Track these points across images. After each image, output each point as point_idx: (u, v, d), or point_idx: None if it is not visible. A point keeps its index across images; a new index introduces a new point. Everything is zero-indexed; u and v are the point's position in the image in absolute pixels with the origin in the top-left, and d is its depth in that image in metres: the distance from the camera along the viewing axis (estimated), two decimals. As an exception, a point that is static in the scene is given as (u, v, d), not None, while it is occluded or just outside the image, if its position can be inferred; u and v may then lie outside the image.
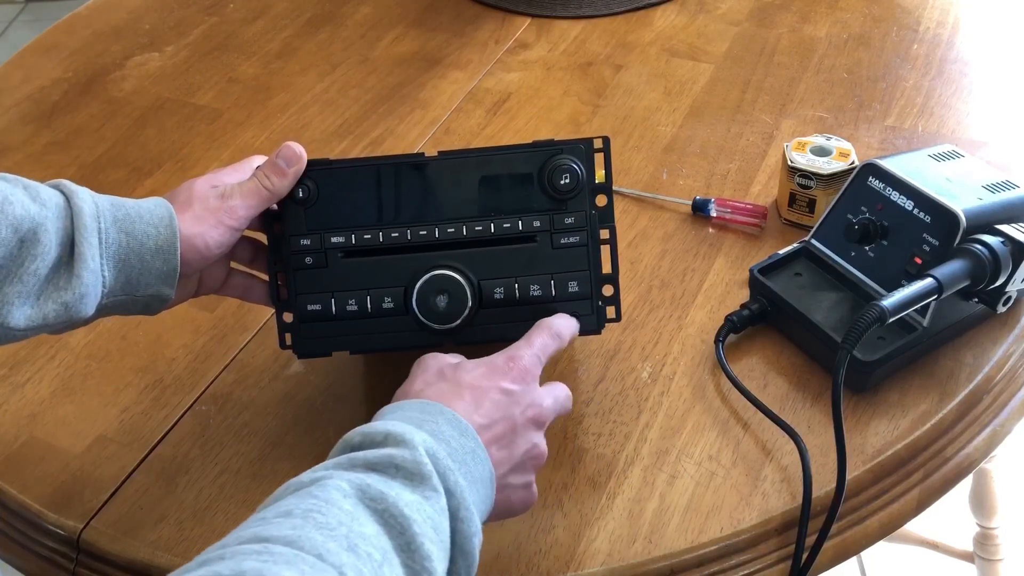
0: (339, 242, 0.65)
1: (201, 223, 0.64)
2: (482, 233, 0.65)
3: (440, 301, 0.64)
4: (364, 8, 1.27)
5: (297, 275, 0.67)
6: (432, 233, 0.65)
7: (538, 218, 0.65)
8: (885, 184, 0.75)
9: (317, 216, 0.66)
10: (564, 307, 0.66)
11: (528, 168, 0.65)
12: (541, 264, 0.65)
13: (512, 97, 1.08)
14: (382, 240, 0.65)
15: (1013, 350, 0.75)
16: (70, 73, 1.18)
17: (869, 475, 0.68)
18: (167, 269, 0.63)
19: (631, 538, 0.65)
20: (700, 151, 0.98)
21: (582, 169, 0.65)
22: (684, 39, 1.15)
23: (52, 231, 0.59)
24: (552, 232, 0.65)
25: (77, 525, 0.69)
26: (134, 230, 0.62)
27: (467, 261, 0.65)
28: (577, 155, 0.65)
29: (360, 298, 0.66)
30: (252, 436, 0.74)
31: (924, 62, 1.08)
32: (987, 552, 1.27)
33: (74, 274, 0.59)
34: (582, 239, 0.65)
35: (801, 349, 0.76)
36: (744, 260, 0.84)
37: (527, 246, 0.65)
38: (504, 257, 0.65)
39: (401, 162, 0.66)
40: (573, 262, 0.66)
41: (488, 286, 0.65)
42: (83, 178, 1.01)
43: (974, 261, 0.68)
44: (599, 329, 0.68)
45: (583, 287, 0.66)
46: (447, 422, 0.55)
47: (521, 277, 0.65)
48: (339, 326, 0.67)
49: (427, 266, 0.65)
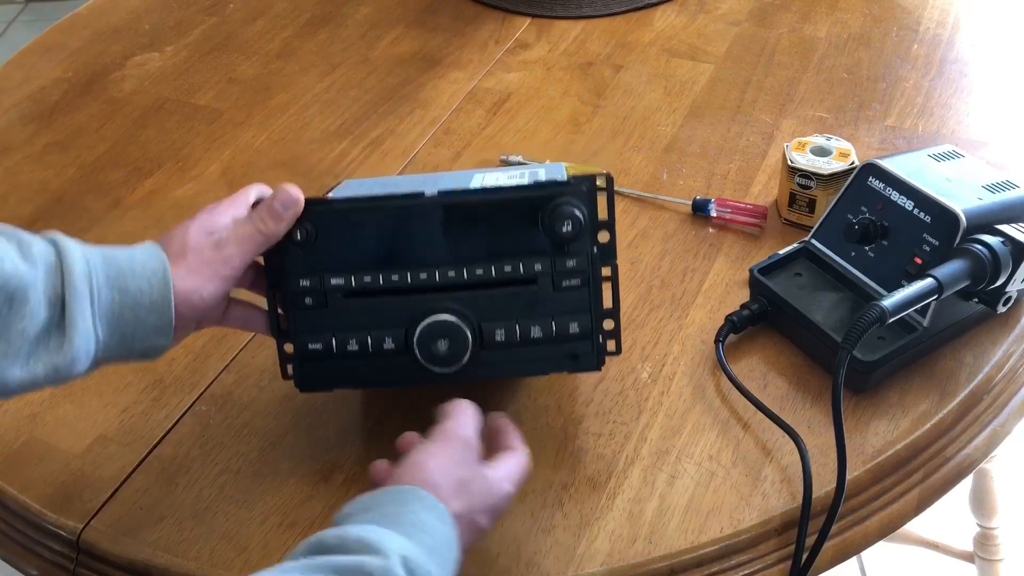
0: (338, 283, 0.64)
1: (196, 276, 0.62)
2: (482, 277, 0.63)
3: (441, 345, 0.63)
4: (364, 8, 1.27)
5: (297, 314, 0.65)
6: (432, 276, 0.63)
7: (539, 261, 0.63)
8: (885, 184, 0.75)
9: (316, 257, 0.64)
10: (564, 347, 0.65)
11: (529, 210, 0.63)
12: (542, 306, 0.64)
13: (512, 97, 1.08)
14: (382, 283, 0.64)
15: (1013, 350, 0.75)
16: (70, 73, 1.18)
17: (869, 475, 0.68)
18: (162, 323, 0.61)
19: (631, 538, 0.65)
20: (700, 151, 0.98)
21: (584, 213, 0.63)
22: (684, 39, 1.15)
23: (41, 291, 0.57)
24: (553, 274, 0.64)
25: (77, 525, 0.69)
26: (127, 287, 0.60)
27: (467, 302, 0.64)
28: (579, 196, 0.63)
29: (361, 338, 0.65)
30: (252, 436, 0.74)
31: (924, 62, 1.08)
32: (987, 552, 1.27)
33: (65, 338, 0.58)
34: (583, 281, 0.64)
35: (801, 349, 0.76)
36: (744, 260, 0.84)
37: (528, 288, 0.64)
38: (505, 299, 0.64)
39: (400, 204, 0.64)
40: (574, 304, 0.64)
41: (489, 327, 0.64)
42: (83, 178, 1.01)
43: (974, 261, 0.68)
44: (599, 367, 0.67)
45: (584, 328, 0.65)
46: (425, 509, 0.54)
47: (522, 319, 0.64)
48: (340, 364, 0.66)
49: (427, 309, 0.63)
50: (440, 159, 1.00)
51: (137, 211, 0.97)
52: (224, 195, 1.00)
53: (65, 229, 0.94)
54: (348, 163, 1.01)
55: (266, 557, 0.66)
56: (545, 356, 0.65)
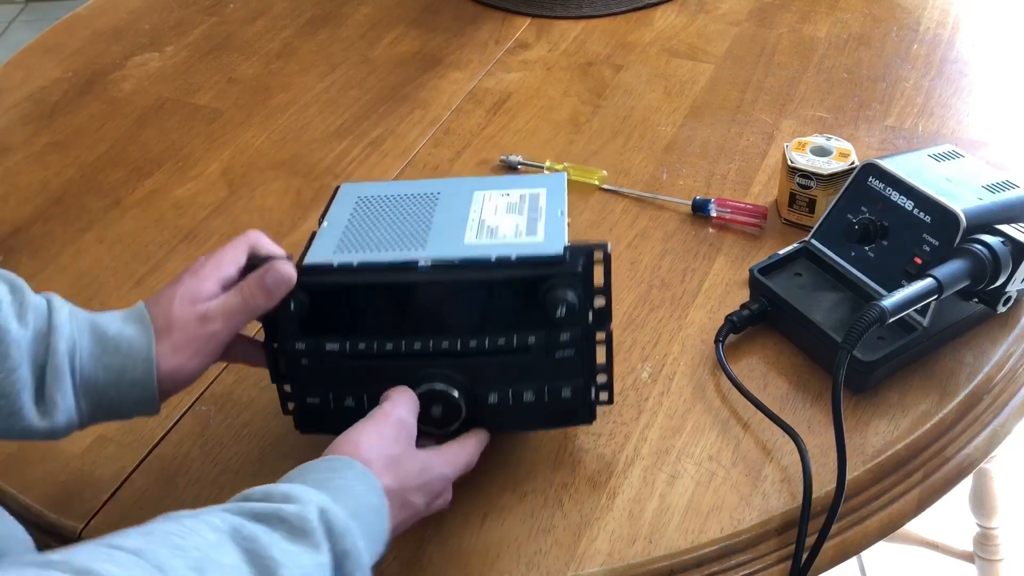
0: (334, 349, 0.64)
1: (180, 353, 0.61)
2: (476, 348, 0.63)
3: (435, 411, 0.64)
4: (364, 8, 1.27)
5: (294, 371, 0.66)
6: (427, 346, 0.63)
7: (533, 333, 0.63)
8: (885, 184, 0.75)
9: (311, 325, 0.64)
10: (556, 407, 0.65)
11: (524, 287, 0.63)
12: (535, 373, 0.64)
13: (512, 97, 1.08)
14: (376, 350, 0.64)
15: (1013, 350, 0.75)
16: (70, 73, 1.18)
17: (869, 475, 0.68)
18: (145, 397, 0.61)
19: (631, 538, 0.65)
20: (700, 151, 0.98)
21: (578, 295, 0.62)
22: (684, 39, 1.15)
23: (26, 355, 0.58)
24: (547, 346, 0.63)
25: (77, 525, 0.69)
26: (112, 364, 0.60)
27: (461, 367, 0.64)
28: (574, 277, 0.62)
29: (357, 396, 0.66)
30: (252, 436, 0.74)
31: (924, 62, 1.08)
32: (987, 552, 1.27)
33: (46, 412, 0.58)
34: (577, 350, 0.64)
35: (801, 349, 0.76)
36: (744, 260, 0.84)
37: (522, 356, 0.64)
38: (498, 366, 0.64)
39: (394, 281, 0.63)
40: (568, 370, 0.64)
41: (482, 391, 0.64)
42: (83, 178, 1.01)
43: (974, 261, 0.68)
44: (590, 421, 0.67)
45: (577, 392, 0.65)
46: (356, 476, 0.55)
47: (515, 384, 0.64)
48: (338, 416, 0.66)
49: (422, 375, 0.64)
50: (440, 159, 1.00)
51: (137, 211, 0.97)
52: (224, 195, 1.00)
53: (65, 229, 0.95)
54: (348, 163, 1.01)
55: (266, 557, 0.66)
56: (538, 415, 0.66)
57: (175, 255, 0.91)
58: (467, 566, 0.64)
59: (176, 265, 0.90)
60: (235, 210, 0.96)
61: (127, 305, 0.63)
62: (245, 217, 0.95)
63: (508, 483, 0.69)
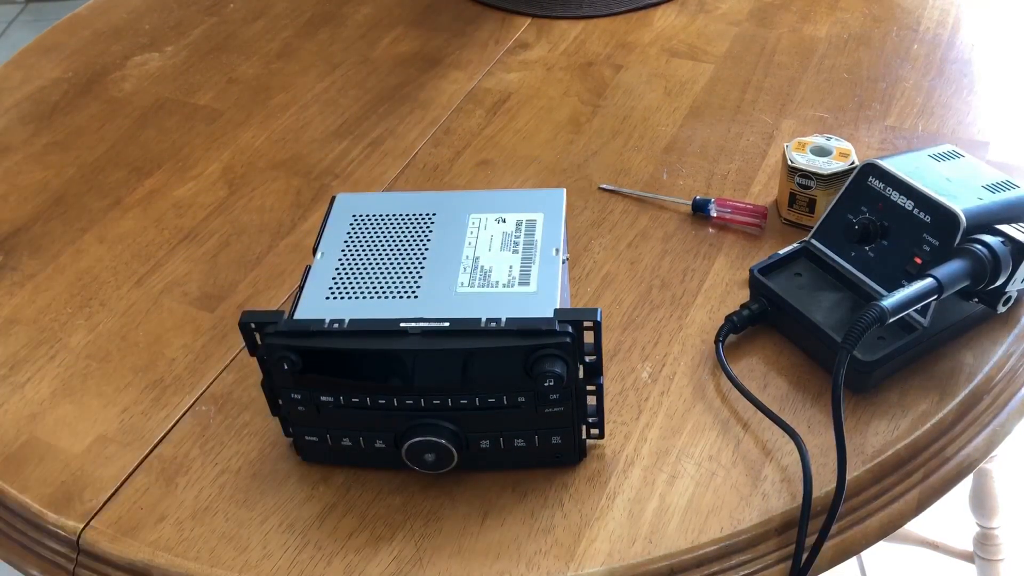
0: (328, 400, 0.66)
1: None
2: (467, 406, 0.65)
3: (428, 457, 0.66)
4: (364, 8, 1.27)
5: (291, 413, 0.68)
6: (418, 403, 0.65)
7: (523, 394, 0.65)
8: (885, 184, 0.75)
9: (304, 380, 0.65)
10: (546, 450, 0.67)
11: (512, 356, 0.63)
12: (526, 423, 0.66)
13: (512, 97, 1.08)
14: (369, 404, 0.66)
15: (1013, 350, 0.75)
16: (70, 73, 1.18)
17: (869, 475, 0.68)
18: None
19: (631, 538, 0.65)
20: (700, 151, 0.98)
21: (567, 366, 0.62)
22: (684, 39, 1.15)
23: None
24: (536, 405, 0.65)
25: (77, 525, 0.69)
26: None
27: (453, 418, 0.66)
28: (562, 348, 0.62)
29: (353, 438, 0.68)
30: (252, 436, 0.74)
31: (924, 62, 1.08)
32: (987, 552, 1.27)
33: None
34: (567, 408, 0.65)
35: (801, 349, 0.76)
36: (744, 260, 0.84)
37: (512, 411, 0.65)
38: (489, 418, 0.66)
39: (384, 348, 0.63)
40: (557, 422, 0.66)
41: (474, 437, 0.67)
42: (83, 178, 1.01)
43: (974, 261, 0.68)
44: (579, 460, 0.69)
45: (566, 440, 0.67)
46: None
47: (506, 432, 0.66)
48: (338, 452, 0.69)
49: (415, 425, 0.66)
50: (440, 159, 1.00)
51: (137, 211, 0.97)
52: (224, 195, 1.00)
53: (65, 229, 0.95)
54: (348, 163, 1.01)
55: (266, 557, 0.66)
56: (529, 456, 0.68)
57: (175, 255, 0.91)
58: (467, 566, 0.64)
59: (176, 265, 0.90)
60: (235, 210, 0.96)
61: (127, 305, 0.63)
62: (245, 217, 0.95)
63: (508, 483, 0.69)
